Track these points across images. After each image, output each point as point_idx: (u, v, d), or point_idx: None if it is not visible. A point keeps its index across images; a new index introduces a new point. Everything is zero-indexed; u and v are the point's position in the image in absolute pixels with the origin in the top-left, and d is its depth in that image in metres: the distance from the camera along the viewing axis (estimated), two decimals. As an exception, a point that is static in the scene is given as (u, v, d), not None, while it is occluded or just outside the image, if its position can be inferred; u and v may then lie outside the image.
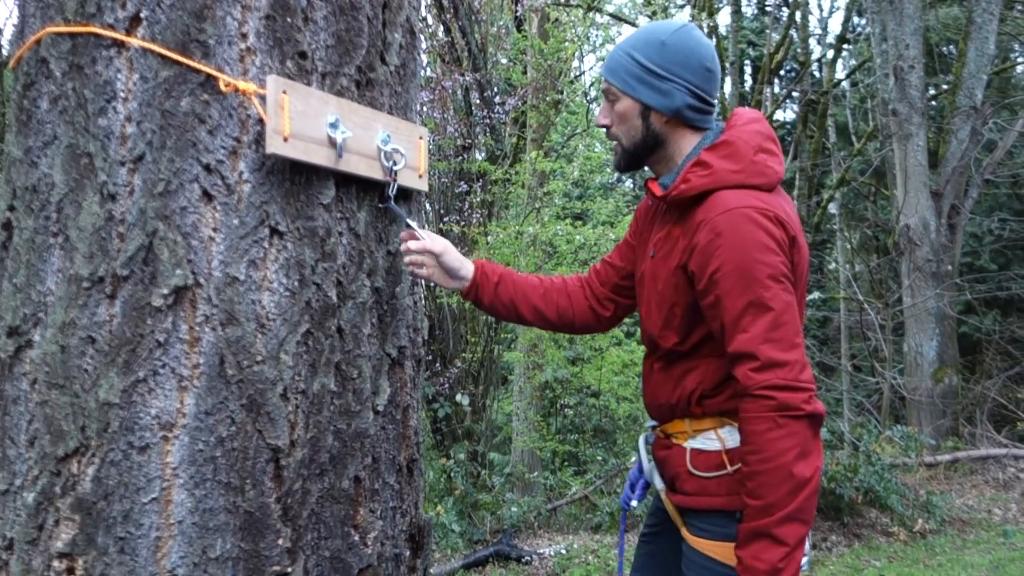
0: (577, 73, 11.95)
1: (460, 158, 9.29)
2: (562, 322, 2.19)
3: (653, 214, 2.06)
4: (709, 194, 1.77)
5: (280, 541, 1.59)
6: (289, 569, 1.60)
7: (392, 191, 1.87)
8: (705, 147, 1.86)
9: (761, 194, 1.78)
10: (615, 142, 1.96)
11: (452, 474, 7.61)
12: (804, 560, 1.74)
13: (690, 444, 1.89)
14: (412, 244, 1.91)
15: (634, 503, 2.14)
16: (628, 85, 1.87)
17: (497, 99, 10.04)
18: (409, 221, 1.93)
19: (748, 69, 21.27)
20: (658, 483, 2.02)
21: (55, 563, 1.51)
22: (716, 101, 1.91)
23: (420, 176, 1.99)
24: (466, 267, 2.07)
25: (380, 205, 1.87)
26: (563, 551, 6.42)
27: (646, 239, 2.05)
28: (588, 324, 2.23)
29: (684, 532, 1.94)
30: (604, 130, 1.98)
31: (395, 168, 1.86)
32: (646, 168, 1.99)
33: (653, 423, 2.05)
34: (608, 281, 2.19)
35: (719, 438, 1.86)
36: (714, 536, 1.85)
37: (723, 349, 1.76)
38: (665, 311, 1.87)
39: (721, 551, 1.82)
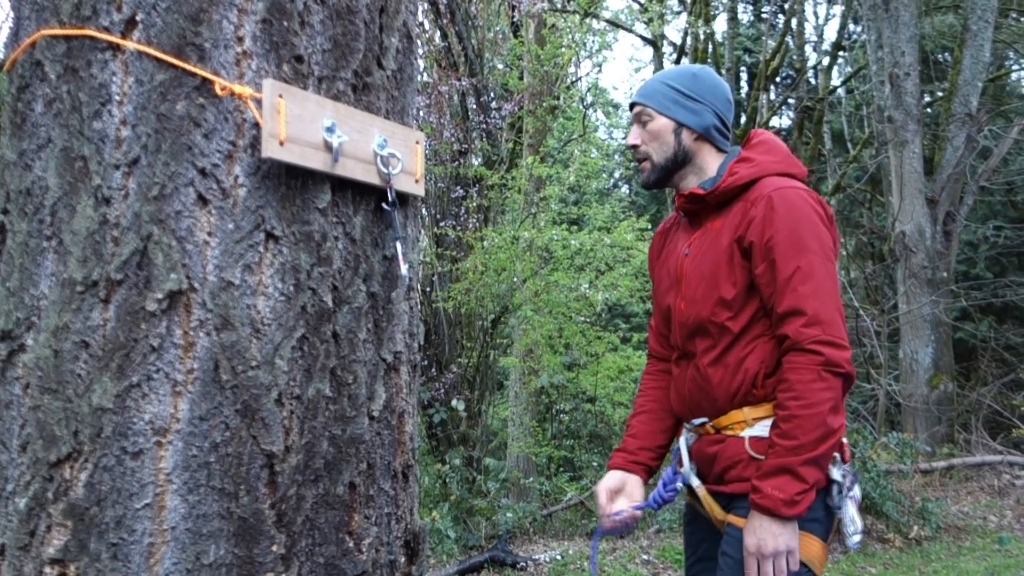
0: (574, 79, 11.94)
1: (456, 163, 9.30)
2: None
3: (670, 237, 2.30)
4: (753, 182, 2.02)
5: (274, 547, 1.58)
6: (283, 575, 1.59)
7: (391, 197, 1.86)
8: (742, 148, 2.14)
9: (800, 182, 2.05)
10: (644, 161, 2.18)
11: (447, 479, 7.60)
12: (857, 539, 2.01)
13: (748, 433, 2.00)
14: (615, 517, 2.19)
15: (681, 485, 2.21)
16: (664, 106, 2.13)
17: (494, 104, 10.05)
18: (399, 239, 1.90)
19: (744, 76, 21.32)
20: (695, 481, 2.11)
21: (47, 569, 1.50)
22: (730, 129, 2.20)
23: (416, 181, 1.98)
24: (630, 477, 2.26)
25: (385, 206, 1.87)
26: (558, 557, 6.41)
27: (664, 260, 2.26)
28: None
29: (732, 518, 2.01)
30: (632, 151, 2.20)
31: (392, 173, 1.85)
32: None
33: (701, 420, 2.10)
34: (663, 337, 2.35)
35: None
36: None
37: (773, 327, 1.96)
38: (716, 293, 2.01)
39: None
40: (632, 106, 2.21)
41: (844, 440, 2.01)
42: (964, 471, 8.77)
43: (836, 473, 1.97)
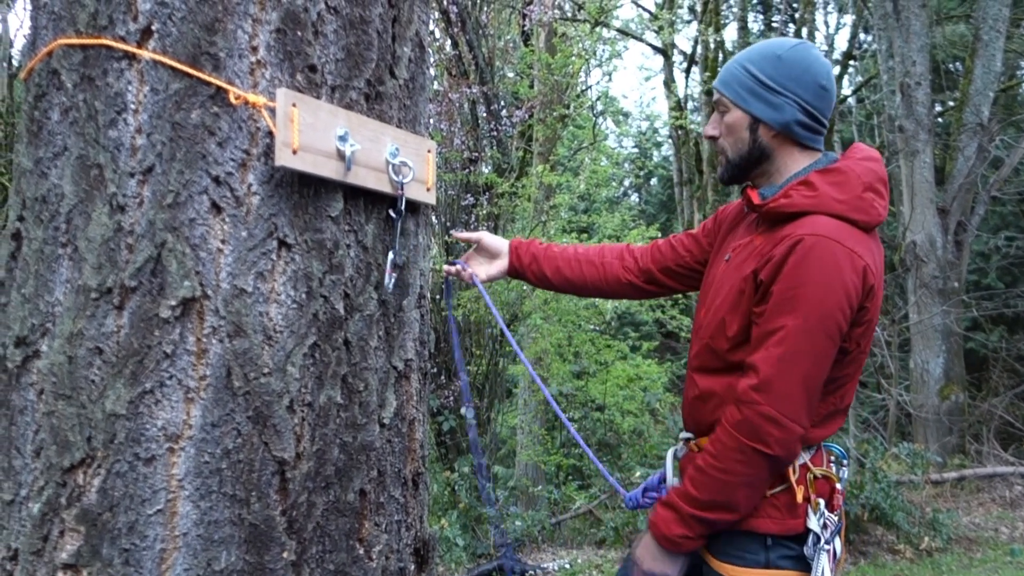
0: (584, 87, 11.97)
1: (467, 171, 9.32)
2: (595, 290, 2.37)
3: (739, 221, 2.08)
4: (806, 214, 1.77)
5: (285, 554, 1.58)
6: (293, 582, 1.59)
7: (401, 205, 1.87)
8: (816, 169, 1.85)
9: (857, 233, 1.77)
10: (720, 155, 1.97)
11: (456, 487, 7.59)
12: None
13: None
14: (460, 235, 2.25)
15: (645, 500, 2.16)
16: (739, 97, 1.88)
17: (504, 112, 10.07)
18: (394, 250, 1.89)
19: (754, 84, 21.25)
20: None
21: (60, 574, 1.50)
22: (828, 122, 1.92)
23: (428, 189, 1.99)
24: (503, 247, 2.39)
25: (392, 214, 1.88)
26: (567, 566, 6.39)
27: (723, 242, 2.07)
28: (624, 291, 2.36)
29: (708, 557, 1.90)
30: (711, 141, 1.99)
31: (404, 182, 1.86)
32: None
33: (688, 435, 2.02)
34: (661, 261, 2.28)
35: None
36: (747, 563, 1.83)
37: None
38: (721, 316, 1.87)
39: None
40: (714, 90, 1.98)
41: (838, 487, 1.89)
42: (975, 482, 8.72)
43: (814, 522, 1.81)
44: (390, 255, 1.88)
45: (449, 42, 9.59)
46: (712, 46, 15.06)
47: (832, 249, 1.70)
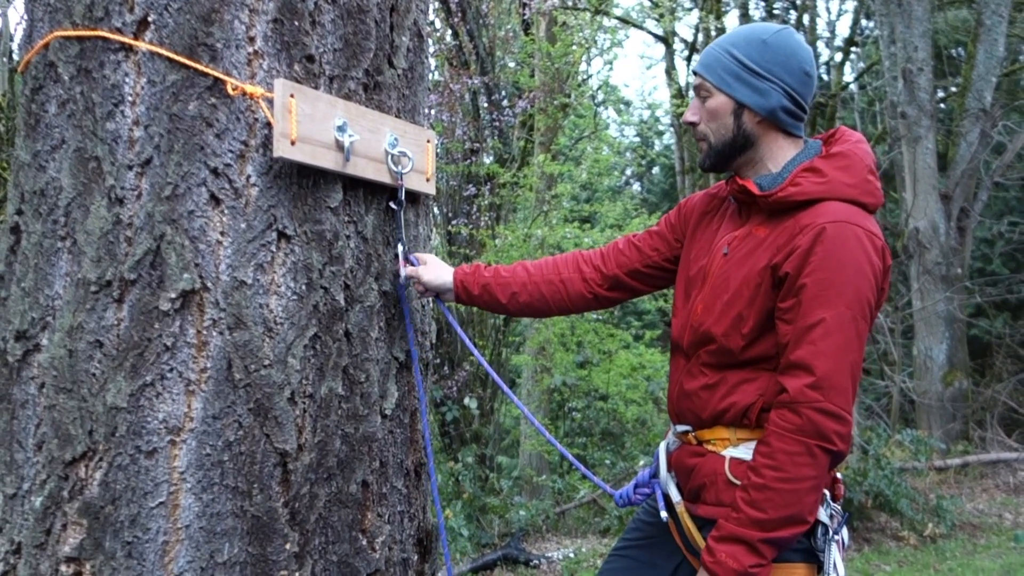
0: (585, 76, 11.92)
1: (468, 161, 9.30)
2: (558, 310, 2.19)
3: (713, 212, 2.02)
4: (816, 201, 1.74)
5: (288, 545, 1.58)
6: (297, 574, 1.60)
7: (401, 195, 1.87)
8: (819, 155, 1.83)
9: (868, 216, 1.76)
10: (701, 141, 1.92)
11: (460, 478, 7.60)
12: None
13: (730, 452, 1.81)
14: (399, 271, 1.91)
15: (659, 493, 2.02)
16: (724, 81, 1.83)
17: (505, 102, 10.04)
18: (400, 241, 1.89)
19: (756, 72, 21.18)
20: (675, 495, 1.94)
21: (62, 567, 1.51)
22: (809, 108, 1.89)
23: (428, 180, 1.99)
24: (446, 282, 2.05)
25: (393, 205, 1.87)
26: (571, 555, 6.41)
27: (703, 235, 2.00)
28: (588, 306, 2.20)
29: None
30: (691, 127, 1.93)
31: (403, 172, 1.85)
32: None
33: (684, 428, 1.94)
34: (627, 264, 2.14)
35: None
36: None
37: (779, 370, 1.74)
38: (735, 312, 1.80)
39: None
40: (695, 74, 1.90)
41: (839, 476, 1.85)
42: (979, 468, 8.72)
43: (823, 514, 1.77)
44: (399, 248, 1.87)
45: (449, 32, 9.56)
46: (713, 34, 14.99)
47: (855, 233, 1.70)
